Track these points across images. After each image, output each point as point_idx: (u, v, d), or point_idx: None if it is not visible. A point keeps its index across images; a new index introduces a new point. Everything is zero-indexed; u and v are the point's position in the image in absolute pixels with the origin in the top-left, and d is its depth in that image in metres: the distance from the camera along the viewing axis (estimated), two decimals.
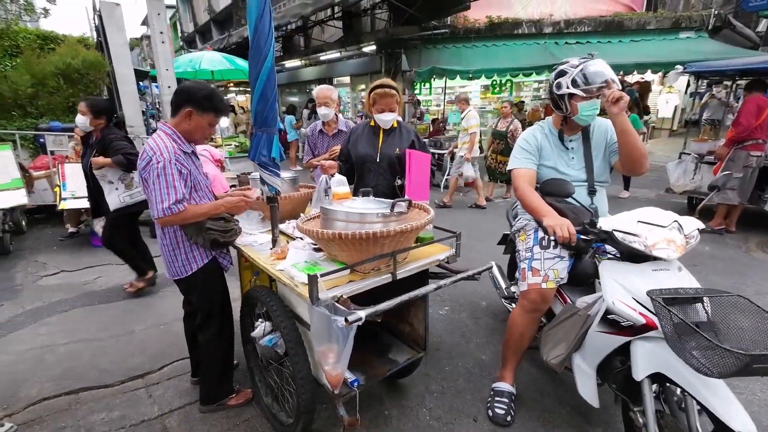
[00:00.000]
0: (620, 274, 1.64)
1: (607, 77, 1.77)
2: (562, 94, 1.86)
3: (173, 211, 1.58)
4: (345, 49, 11.39)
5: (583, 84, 1.80)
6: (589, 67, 1.83)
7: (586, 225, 1.67)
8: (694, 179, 5.10)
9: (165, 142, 1.66)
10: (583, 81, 1.80)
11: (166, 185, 1.58)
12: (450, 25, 8.96)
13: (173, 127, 1.73)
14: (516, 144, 2.06)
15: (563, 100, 1.89)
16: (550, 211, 1.76)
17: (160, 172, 1.58)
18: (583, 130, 2.02)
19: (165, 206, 1.57)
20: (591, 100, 1.82)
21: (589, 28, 8.63)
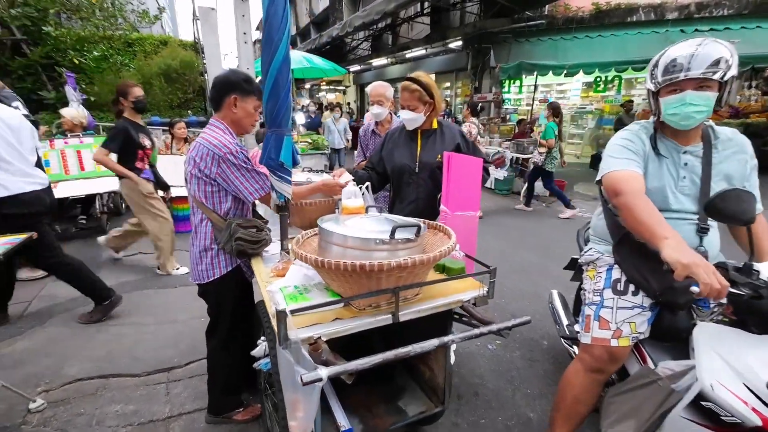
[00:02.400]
0: (728, 347, 1.12)
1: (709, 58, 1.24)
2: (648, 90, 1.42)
3: (266, 190, 1.61)
4: (431, 45, 11.07)
5: (662, 74, 1.32)
6: (672, 49, 1.31)
7: (735, 271, 1.11)
8: None
9: (224, 135, 1.61)
10: (664, 69, 1.32)
11: (246, 170, 1.58)
12: (547, 16, 8.06)
13: (221, 120, 1.66)
14: (612, 144, 1.51)
15: (652, 99, 1.42)
16: (677, 236, 1.14)
17: (233, 160, 1.56)
18: (704, 139, 1.45)
19: (258, 187, 1.60)
20: (677, 94, 1.31)
21: (730, 11, 7.00)
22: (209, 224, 1.63)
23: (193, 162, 1.57)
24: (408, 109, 2.05)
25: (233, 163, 1.55)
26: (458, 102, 11.83)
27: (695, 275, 1.02)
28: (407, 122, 2.11)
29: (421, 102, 2.06)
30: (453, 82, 12.41)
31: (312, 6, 22.50)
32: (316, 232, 1.50)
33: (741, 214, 1.07)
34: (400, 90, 2.09)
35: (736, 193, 1.09)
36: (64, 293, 3.13)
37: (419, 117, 2.08)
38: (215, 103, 1.64)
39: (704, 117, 1.33)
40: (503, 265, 3.90)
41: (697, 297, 1.02)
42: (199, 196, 1.60)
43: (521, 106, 11.71)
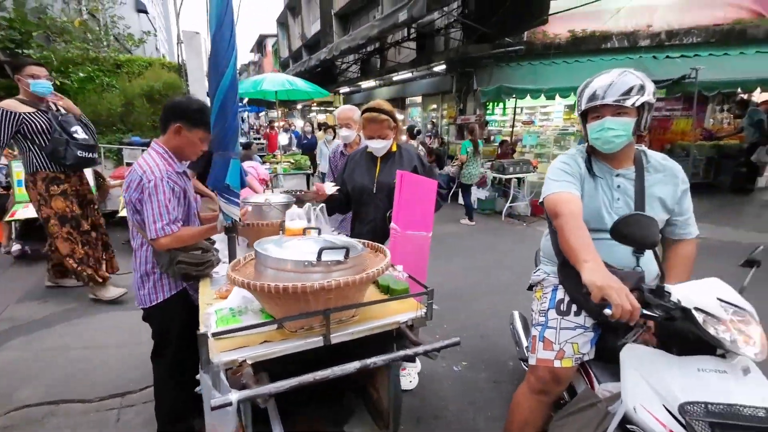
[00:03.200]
0: (650, 369, 1.13)
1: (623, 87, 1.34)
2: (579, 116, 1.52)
3: (166, 231, 1.50)
4: (416, 69, 11.36)
5: (585, 101, 1.42)
6: (595, 79, 1.41)
7: (650, 293, 1.12)
8: None
9: (156, 160, 1.59)
10: (587, 97, 1.42)
11: (158, 204, 1.50)
12: (526, 42, 8.33)
13: (163, 144, 1.66)
14: (552, 167, 1.57)
15: (581, 125, 1.52)
16: (597, 259, 1.17)
17: (152, 191, 1.51)
18: (636, 164, 1.51)
19: (159, 227, 1.49)
20: (598, 120, 1.39)
21: (698, 39, 7.32)
22: (149, 248, 1.62)
23: (126, 186, 1.57)
24: (379, 138, 2.11)
25: (147, 189, 1.50)
26: (444, 123, 12.05)
27: (608, 297, 1.05)
28: (378, 150, 2.17)
29: (390, 129, 2.14)
30: (439, 104, 12.68)
31: (304, 30, 23.08)
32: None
33: (643, 238, 1.10)
34: (364, 121, 2.13)
35: (638, 218, 1.12)
36: (25, 315, 3.06)
37: (388, 143, 2.16)
38: (161, 126, 1.65)
39: (624, 141, 1.39)
40: (481, 284, 3.91)
41: (611, 319, 1.04)
42: (138, 220, 1.59)
43: (505, 128, 11.99)
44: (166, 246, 1.53)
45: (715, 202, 6.75)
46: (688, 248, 1.48)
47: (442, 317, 3.24)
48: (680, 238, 1.49)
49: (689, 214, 1.48)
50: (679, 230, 1.48)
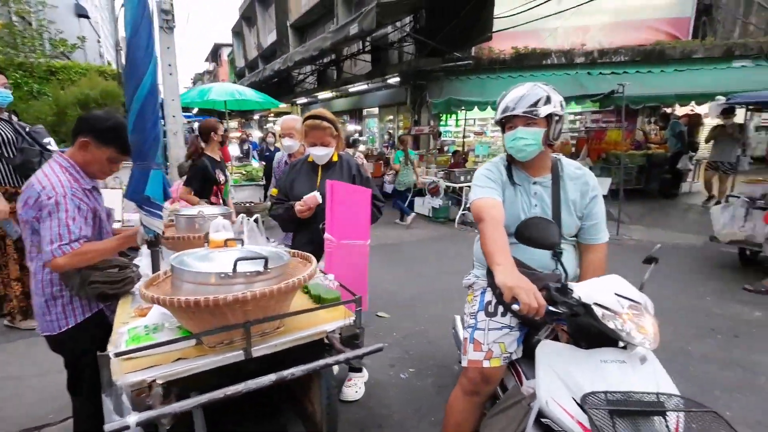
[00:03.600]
0: (561, 363, 1.19)
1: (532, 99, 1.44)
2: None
3: (64, 251, 1.33)
4: (371, 81, 11.53)
5: (500, 112, 1.52)
6: (510, 92, 1.51)
7: (555, 291, 1.19)
8: (744, 227, 4.29)
9: (58, 176, 1.44)
10: (501, 108, 1.51)
11: (58, 224, 1.35)
12: (474, 57, 8.73)
13: (70, 158, 1.54)
14: (477, 174, 1.65)
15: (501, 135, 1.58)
16: (509, 262, 1.26)
17: (52, 208, 1.36)
18: (553, 172, 1.61)
19: (55, 247, 1.32)
20: (512, 130, 1.49)
21: (625, 58, 8.02)
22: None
23: (23, 203, 1.42)
24: (321, 146, 2.12)
25: (52, 210, 1.36)
26: (400, 134, 12.27)
27: (517, 296, 1.11)
28: (320, 158, 2.17)
29: (332, 137, 2.16)
30: (395, 115, 12.92)
31: (260, 40, 22.76)
32: None
33: (543, 239, 1.17)
34: (306, 128, 2.14)
35: (537, 221, 1.19)
36: None
37: (331, 151, 2.17)
38: (72, 136, 1.54)
39: (535, 149, 1.48)
40: (432, 290, 3.96)
41: (519, 314, 1.10)
42: (36, 240, 1.43)
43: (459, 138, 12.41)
44: (64, 267, 1.36)
45: (646, 206, 7.34)
46: (599, 252, 1.57)
47: (393, 325, 3.26)
48: (590, 242, 1.57)
49: (598, 220, 1.56)
50: (588, 235, 1.57)
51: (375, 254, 5.29)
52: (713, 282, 4.10)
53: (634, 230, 6.23)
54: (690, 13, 8.23)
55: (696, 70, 7.63)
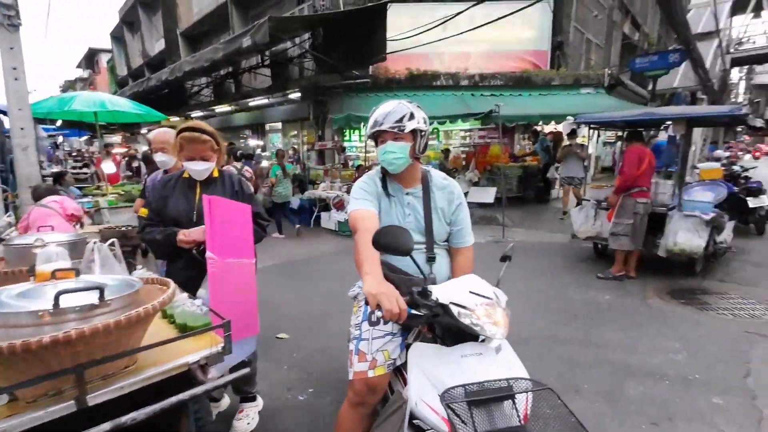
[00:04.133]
0: (429, 363, 1.26)
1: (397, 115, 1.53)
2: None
3: None
4: (272, 95, 11.25)
5: (370, 127, 1.59)
6: (379, 108, 1.60)
7: (417, 295, 1.24)
8: (594, 225, 5.15)
9: None
10: (371, 123, 1.59)
11: None
12: (371, 75, 9.10)
13: None
14: (354, 186, 1.71)
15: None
16: (376, 271, 1.31)
17: None
18: (423, 183, 1.72)
19: None
20: (383, 144, 1.57)
21: (501, 82, 9.15)
22: None
23: None
24: (201, 160, 1.97)
25: None
26: (305, 150, 12.14)
27: (380, 303, 1.16)
28: (199, 173, 2.01)
29: (213, 151, 2.03)
30: (299, 130, 12.75)
31: (146, 47, 20.66)
32: None
33: (397, 246, 1.23)
34: (182, 142, 1.97)
35: (390, 229, 1.26)
36: None
37: (211, 166, 2.03)
38: None
39: (404, 162, 1.58)
40: (335, 306, 3.92)
41: (383, 319, 1.14)
42: None
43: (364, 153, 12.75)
44: None
45: (525, 211, 8.36)
46: (466, 254, 1.73)
47: (294, 346, 3.14)
48: (458, 246, 1.72)
49: (463, 225, 1.71)
50: (456, 239, 1.72)
51: (278, 273, 5.11)
52: (575, 273, 4.81)
53: (516, 232, 7.04)
54: (547, 47, 9.76)
55: (554, 95, 9.05)
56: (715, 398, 2.34)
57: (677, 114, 4.84)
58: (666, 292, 4.12)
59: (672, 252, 4.38)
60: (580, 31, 10.87)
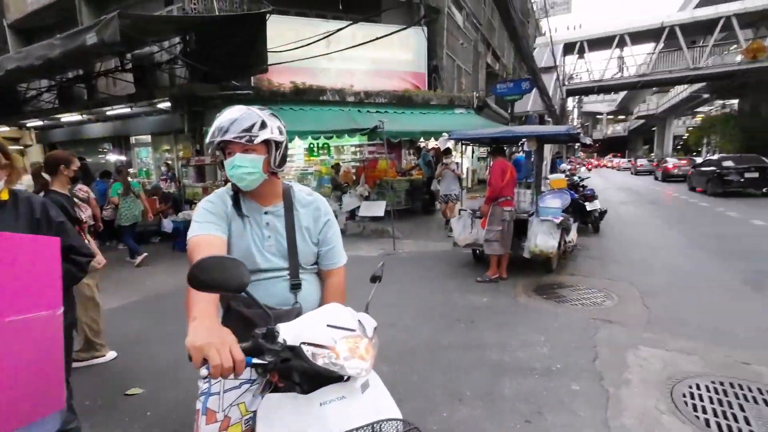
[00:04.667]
0: (282, 419, 1.05)
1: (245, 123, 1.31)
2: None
3: None
4: (136, 104, 9.85)
5: (210, 136, 1.33)
6: (222, 115, 1.36)
7: (262, 339, 1.01)
8: (472, 232, 5.58)
9: None
10: (212, 132, 1.33)
11: None
12: (254, 87, 8.61)
13: None
14: (197, 207, 1.41)
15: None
16: (206, 315, 1.06)
17: None
18: (285, 200, 1.52)
19: None
20: (230, 157, 1.33)
21: (385, 100, 9.54)
22: None
23: None
24: None
25: None
26: (180, 165, 10.87)
27: (208, 358, 0.92)
28: None
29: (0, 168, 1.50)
30: (173, 144, 11.38)
31: None
32: None
33: (226, 281, 1.00)
34: None
35: (216, 261, 1.01)
36: None
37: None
38: None
39: (257, 178, 1.37)
40: None
41: (211, 376, 0.91)
42: None
43: None
44: None
45: (414, 222, 8.75)
46: (338, 276, 1.56)
47: (148, 401, 2.59)
48: (329, 268, 1.55)
49: (333, 244, 1.55)
50: (326, 261, 1.55)
51: (137, 311, 4.29)
52: (458, 278, 5.10)
53: (406, 244, 7.27)
54: (425, 70, 10.56)
55: (433, 113, 9.78)
56: (573, 385, 2.61)
57: (530, 132, 5.58)
58: (532, 290, 4.61)
59: (534, 253, 4.96)
60: (451, 57, 12.04)
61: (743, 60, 24.67)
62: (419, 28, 10.31)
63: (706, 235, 7.46)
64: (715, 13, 26.01)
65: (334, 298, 1.53)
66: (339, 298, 1.54)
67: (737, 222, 8.64)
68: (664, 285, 4.63)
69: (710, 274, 5.05)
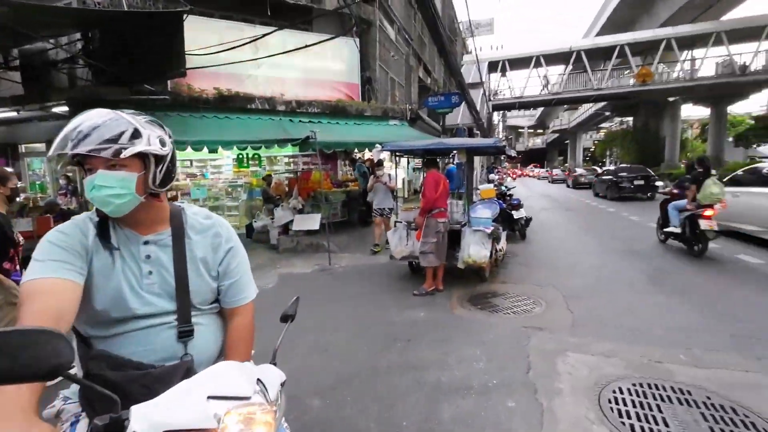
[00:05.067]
0: None
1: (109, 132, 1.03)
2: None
3: None
4: (24, 107, 8.51)
5: (59, 145, 1.02)
6: (78, 118, 1.06)
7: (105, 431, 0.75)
8: (407, 245, 5.51)
9: None
10: (60, 139, 1.02)
11: None
12: (171, 92, 7.86)
13: None
14: (41, 241, 1.07)
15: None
16: (17, 401, 0.78)
17: None
18: (173, 225, 1.23)
19: None
20: (91, 174, 1.05)
21: (318, 110, 9.28)
22: None
23: None
24: None
25: None
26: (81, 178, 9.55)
27: None
28: None
29: None
30: None
31: None
32: None
33: (26, 368, 0.65)
34: None
35: (15, 337, 0.65)
36: None
37: None
38: None
39: (127, 201, 1.08)
40: None
41: None
42: None
43: None
44: None
45: (351, 235, 8.54)
46: (245, 315, 1.30)
47: None
48: (234, 305, 1.28)
49: (238, 276, 1.29)
50: (230, 297, 1.28)
51: None
52: (394, 293, 4.98)
53: (342, 258, 7.03)
54: (358, 81, 10.51)
55: (368, 124, 9.73)
56: (509, 401, 2.57)
57: (460, 144, 5.71)
58: (467, 300, 4.64)
59: (467, 263, 5.01)
60: (384, 69, 12.16)
61: (635, 83, 28.44)
62: (351, 39, 10.26)
63: (614, 237, 8.24)
64: (612, 41, 29.74)
65: (239, 343, 1.28)
66: (245, 343, 1.29)
67: (637, 225, 9.70)
68: (584, 287, 4.94)
69: (621, 274, 5.51)
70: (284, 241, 7.84)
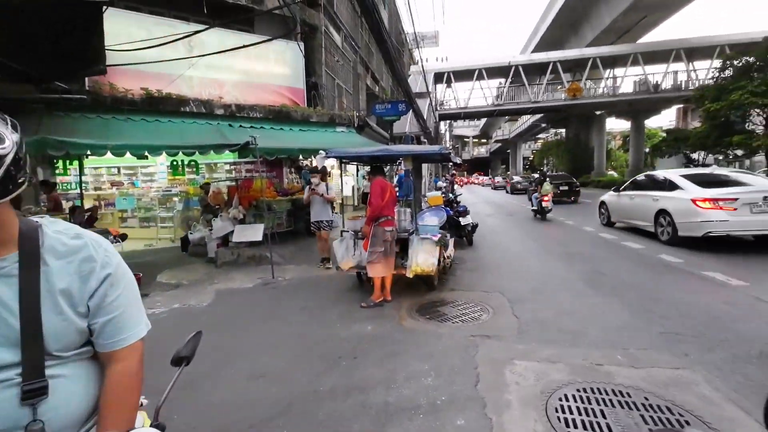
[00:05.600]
0: None
1: None
2: None
3: None
4: None
5: None
6: None
7: None
8: (354, 255, 5.31)
9: None
10: None
11: None
12: (90, 92, 7.06)
13: None
14: None
15: None
16: None
17: None
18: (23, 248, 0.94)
19: None
20: None
21: (260, 115, 8.84)
22: None
23: None
24: None
25: None
26: None
27: None
28: None
29: None
30: None
31: None
32: None
33: None
34: None
35: None
36: None
37: None
38: None
39: None
40: None
41: None
42: None
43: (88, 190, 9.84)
44: None
45: (297, 245, 8.16)
46: (128, 360, 1.02)
47: None
48: (111, 348, 1.00)
49: (119, 311, 1.01)
50: (106, 339, 1.00)
51: None
52: (341, 306, 4.74)
53: (287, 270, 6.66)
54: (303, 86, 10.20)
55: (313, 131, 9.43)
56: (459, 419, 2.45)
57: (406, 151, 5.64)
58: (415, 310, 4.52)
59: (415, 272, 4.91)
60: (331, 76, 11.96)
61: (566, 97, 30.81)
62: (295, 43, 9.96)
63: (553, 241, 8.65)
64: (545, 58, 32.05)
65: (119, 397, 1.00)
66: (127, 395, 1.01)
67: (573, 229, 10.30)
68: (527, 292, 5.04)
69: (560, 277, 5.72)
70: (223, 253, 7.29)
